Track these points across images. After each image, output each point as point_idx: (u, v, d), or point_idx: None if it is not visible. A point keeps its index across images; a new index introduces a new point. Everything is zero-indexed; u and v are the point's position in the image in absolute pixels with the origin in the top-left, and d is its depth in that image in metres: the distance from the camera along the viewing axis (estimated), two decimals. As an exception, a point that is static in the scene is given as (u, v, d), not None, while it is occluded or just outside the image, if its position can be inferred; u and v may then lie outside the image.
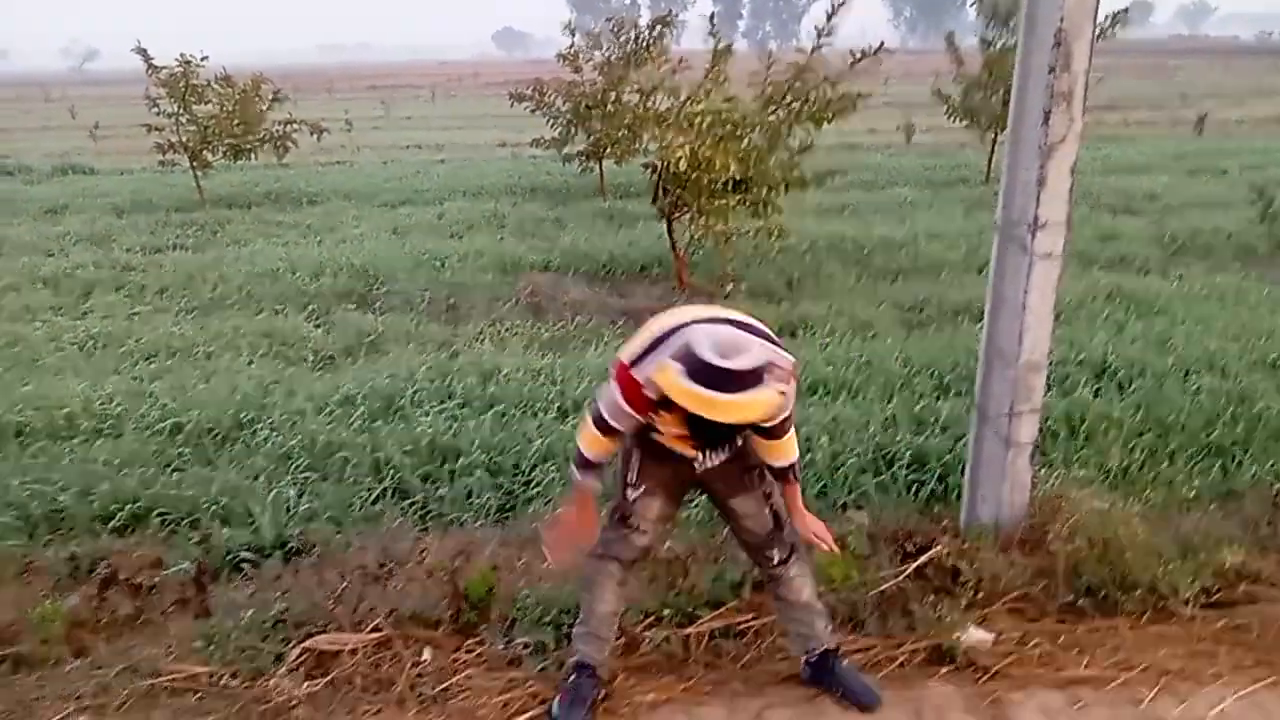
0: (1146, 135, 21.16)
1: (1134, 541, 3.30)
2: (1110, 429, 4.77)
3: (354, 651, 3.03)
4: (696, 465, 2.74)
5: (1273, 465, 4.42)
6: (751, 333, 2.50)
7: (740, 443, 2.78)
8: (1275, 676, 2.93)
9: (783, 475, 2.83)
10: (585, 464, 2.71)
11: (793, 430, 2.71)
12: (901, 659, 3.06)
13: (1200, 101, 28.08)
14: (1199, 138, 20.31)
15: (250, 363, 6.33)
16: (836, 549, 2.92)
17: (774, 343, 2.51)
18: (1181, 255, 9.32)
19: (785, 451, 2.74)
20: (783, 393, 2.41)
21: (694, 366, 2.29)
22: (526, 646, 3.10)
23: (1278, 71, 47.82)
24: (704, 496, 3.07)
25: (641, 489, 2.79)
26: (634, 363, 2.50)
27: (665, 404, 2.44)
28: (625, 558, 2.86)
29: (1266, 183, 9.53)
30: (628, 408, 2.54)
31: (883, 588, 3.29)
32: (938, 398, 5.36)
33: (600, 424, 2.63)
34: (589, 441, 2.68)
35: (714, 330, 2.42)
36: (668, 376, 2.33)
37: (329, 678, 2.97)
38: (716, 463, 2.73)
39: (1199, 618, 3.20)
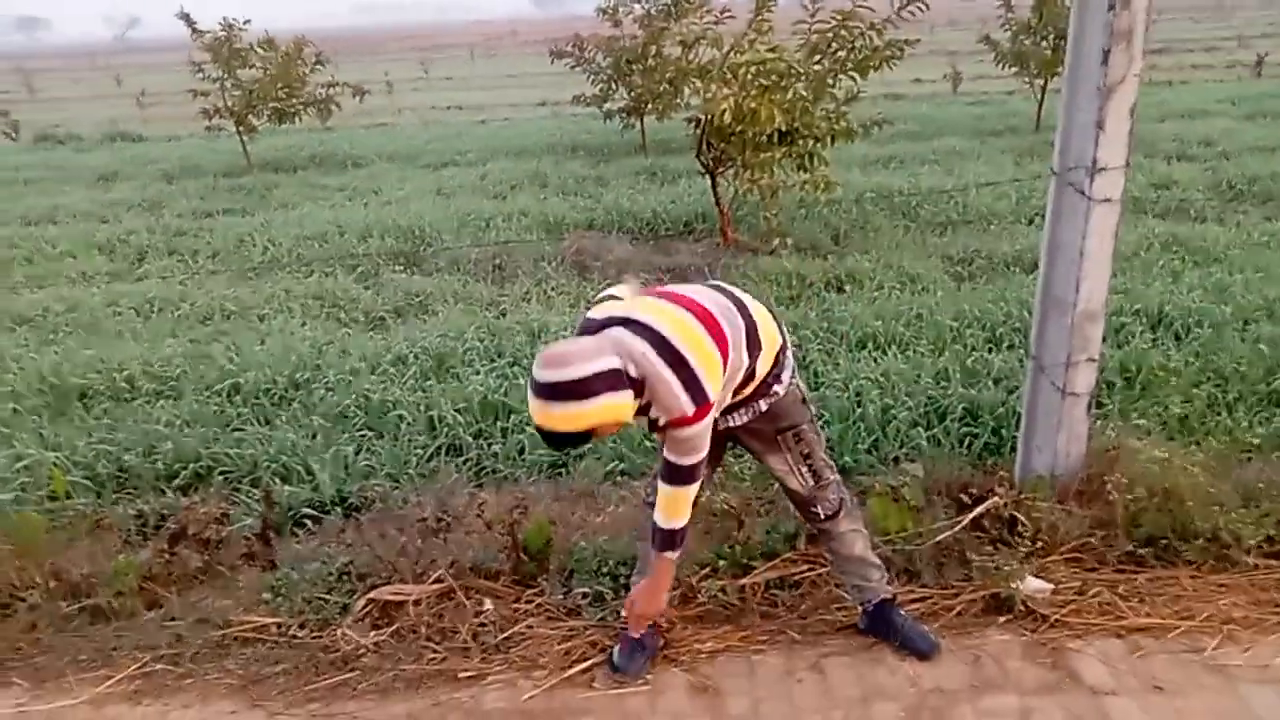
0: (1201, 79, 20.53)
1: (1194, 491, 3.26)
2: (1168, 379, 4.70)
3: (417, 602, 3.10)
4: (719, 423, 2.68)
5: (1337, 414, 4.34)
6: (666, 360, 2.37)
7: (765, 407, 2.71)
8: (1341, 625, 2.90)
9: (654, 537, 2.63)
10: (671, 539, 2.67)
11: (685, 491, 2.53)
12: (959, 608, 3.06)
13: (1257, 43, 27.16)
14: (1258, 80, 19.67)
15: (303, 324, 6.42)
16: (635, 633, 2.85)
17: (688, 376, 2.36)
18: (1239, 202, 9.07)
19: (669, 506, 2.56)
20: (660, 421, 2.39)
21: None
22: (585, 596, 3.15)
23: (1341, 9, 46.03)
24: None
25: None
26: None
27: None
28: None
29: (1329, 125, 9.23)
30: None
31: (939, 539, 3.28)
32: (990, 350, 5.29)
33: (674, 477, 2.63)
34: (674, 508, 2.66)
35: (584, 339, 2.39)
36: None
37: (394, 627, 3.05)
38: (740, 422, 2.70)
39: (1262, 566, 3.16)
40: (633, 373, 2.34)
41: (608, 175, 11.74)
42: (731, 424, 2.72)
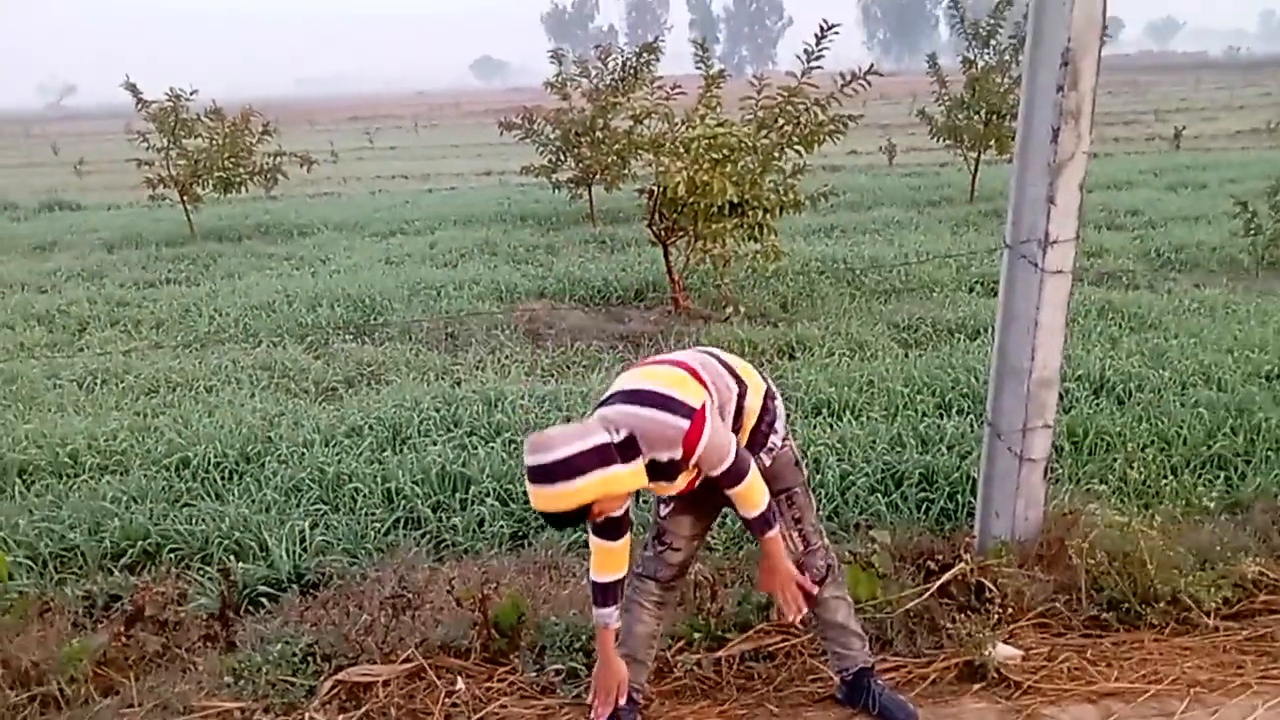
0: (1123, 151, 21.44)
1: (1153, 554, 3.33)
2: (1115, 443, 4.83)
3: (386, 683, 3.02)
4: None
5: (1275, 476, 4.48)
6: (639, 402, 2.47)
7: (768, 462, 2.76)
8: (1302, 685, 2.97)
9: (751, 528, 2.73)
10: (601, 592, 2.71)
11: (749, 480, 2.60)
12: (933, 677, 3.07)
13: (1173, 117, 28.51)
14: (1176, 153, 20.59)
15: (252, 395, 6.31)
16: (797, 619, 2.82)
17: (661, 400, 2.46)
18: (1168, 270, 9.44)
19: (746, 500, 2.64)
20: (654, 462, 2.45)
21: None
22: (559, 673, 3.09)
23: (1247, 85, 48.60)
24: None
25: (672, 505, 2.80)
26: None
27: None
28: (661, 576, 2.86)
29: (1246, 195, 9.66)
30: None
31: (908, 606, 3.30)
32: (941, 415, 5.40)
33: (597, 529, 2.65)
34: (598, 560, 2.70)
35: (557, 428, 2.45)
36: None
37: (363, 710, 2.95)
38: None
39: (1222, 628, 3.23)
40: (619, 437, 2.38)
41: (557, 244, 11.85)
42: None
